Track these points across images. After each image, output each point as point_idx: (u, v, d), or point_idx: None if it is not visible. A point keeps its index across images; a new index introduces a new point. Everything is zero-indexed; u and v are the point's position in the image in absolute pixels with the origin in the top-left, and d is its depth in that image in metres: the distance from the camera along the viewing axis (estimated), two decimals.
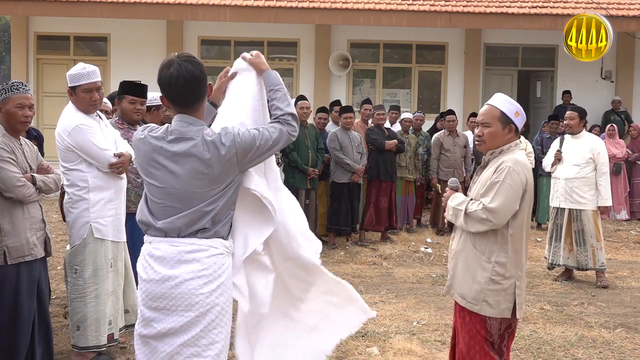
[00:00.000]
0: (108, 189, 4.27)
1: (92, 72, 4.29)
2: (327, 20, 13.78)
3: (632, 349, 5.02)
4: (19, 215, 3.81)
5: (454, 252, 3.51)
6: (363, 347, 4.84)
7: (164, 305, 2.75)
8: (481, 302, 3.31)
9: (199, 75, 2.80)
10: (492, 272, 3.30)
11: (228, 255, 2.84)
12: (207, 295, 2.74)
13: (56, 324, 5.04)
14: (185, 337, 2.75)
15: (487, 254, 3.32)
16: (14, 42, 14.78)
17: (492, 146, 3.45)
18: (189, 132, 2.76)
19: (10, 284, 3.80)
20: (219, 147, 2.72)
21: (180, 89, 2.77)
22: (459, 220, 3.38)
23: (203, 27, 14.52)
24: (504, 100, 3.45)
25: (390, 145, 9.02)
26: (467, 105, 14.26)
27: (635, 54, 14.78)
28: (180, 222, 2.75)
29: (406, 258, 8.18)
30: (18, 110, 3.85)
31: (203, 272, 2.73)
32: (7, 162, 3.76)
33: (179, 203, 2.74)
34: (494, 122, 3.40)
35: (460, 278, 3.43)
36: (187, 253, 2.74)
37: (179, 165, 2.73)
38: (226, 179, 2.77)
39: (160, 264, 2.75)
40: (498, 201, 3.25)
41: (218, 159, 2.72)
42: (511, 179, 3.26)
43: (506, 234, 3.30)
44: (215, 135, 2.75)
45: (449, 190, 3.59)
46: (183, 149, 2.73)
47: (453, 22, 13.41)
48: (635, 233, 10.39)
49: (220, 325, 2.79)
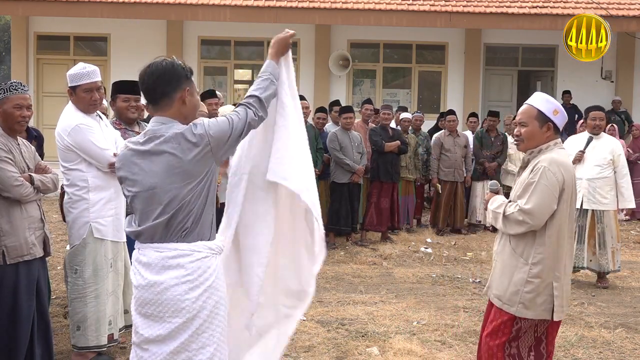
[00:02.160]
0: (108, 188, 4.27)
1: (93, 71, 4.29)
2: (327, 20, 13.78)
3: (632, 349, 5.02)
4: (17, 215, 3.81)
5: (495, 254, 3.50)
6: (363, 347, 4.84)
7: (151, 311, 2.76)
8: (517, 304, 3.29)
9: (167, 70, 2.81)
10: (528, 273, 3.28)
11: (214, 256, 2.83)
12: (194, 301, 2.74)
13: (56, 324, 5.04)
14: (175, 344, 2.74)
15: (525, 255, 3.30)
16: (14, 42, 14.79)
17: (530, 145, 3.41)
18: (160, 130, 2.78)
19: (9, 283, 3.79)
20: (189, 139, 2.73)
21: (146, 85, 2.83)
22: (499, 223, 3.37)
23: (203, 27, 14.52)
24: (542, 98, 3.42)
25: (390, 147, 9.01)
26: (467, 105, 14.27)
27: (635, 54, 14.79)
28: (162, 224, 2.75)
29: (406, 258, 8.18)
30: (16, 110, 3.85)
31: (187, 278, 2.73)
32: (5, 162, 3.76)
33: (159, 204, 2.74)
34: (530, 121, 3.37)
35: (497, 279, 3.41)
36: (170, 258, 2.74)
37: (154, 163, 2.75)
38: (201, 171, 2.76)
39: (147, 269, 2.77)
40: (533, 202, 3.22)
41: (190, 150, 2.72)
42: (546, 179, 3.23)
43: (544, 235, 3.27)
44: (186, 128, 2.77)
45: (489, 193, 3.58)
46: (155, 147, 2.75)
47: (453, 22, 13.42)
48: (635, 233, 10.39)
49: (210, 329, 2.78)
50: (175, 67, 2.82)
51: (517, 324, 3.34)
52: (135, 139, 2.88)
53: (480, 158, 10.06)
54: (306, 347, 4.85)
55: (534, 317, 3.30)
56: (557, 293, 3.28)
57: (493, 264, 3.52)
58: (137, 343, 2.84)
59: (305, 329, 5.23)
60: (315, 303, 6.03)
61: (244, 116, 2.84)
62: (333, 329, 5.27)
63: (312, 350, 4.79)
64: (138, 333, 2.82)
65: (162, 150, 2.74)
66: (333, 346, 4.87)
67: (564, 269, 3.33)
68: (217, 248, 2.87)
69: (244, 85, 15.68)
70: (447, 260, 8.16)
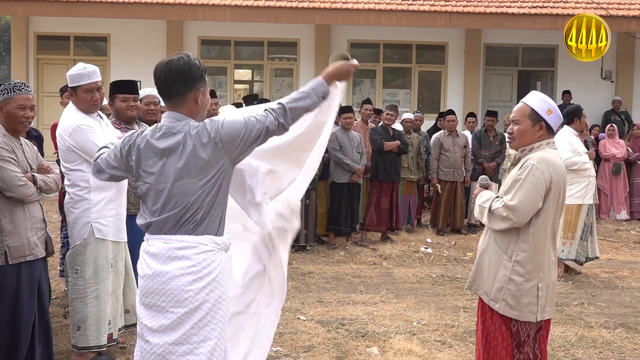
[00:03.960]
0: (109, 189, 4.27)
1: (93, 71, 4.29)
2: (327, 20, 13.79)
3: (632, 349, 5.02)
4: (19, 215, 3.81)
5: (480, 250, 3.50)
6: (363, 347, 4.84)
7: (155, 301, 2.80)
8: (500, 300, 3.31)
9: (184, 71, 2.83)
10: (511, 271, 3.29)
11: (219, 251, 2.86)
12: (197, 292, 2.77)
13: (56, 324, 5.04)
14: (176, 335, 2.77)
15: (509, 252, 3.31)
16: (14, 42, 14.79)
17: (522, 143, 3.41)
18: (176, 127, 2.82)
19: (11, 283, 3.80)
20: (203, 135, 2.77)
21: (164, 81, 2.84)
22: (484, 217, 3.39)
23: (203, 27, 14.53)
24: (537, 97, 3.42)
25: (390, 146, 9.01)
26: (467, 105, 14.27)
27: (635, 54, 14.80)
28: (173, 217, 2.79)
29: (406, 258, 8.18)
30: (19, 111, 3.85)
31: (192, 269, 2.77)
32: (8, 162, 3.76)
33: (171, 197, 2.79)
34: (523, 119, 3.38)
35: (484, 275, 3.42)
36: (177, 249, 2.79)
37: (168, 159, 2.80)
38: (213, 167, 2.79)
39: (153, 259, 2.82)
40: (518, 199, 3.23)
41: (203, 147, 2.77)
42: (533, 176, 3.23)
43: (527, 232, 3.28)
44: (200, 125, 2.81)
45: (478, 187, 3.59)
46: (171, 143, 2.80)
47: (453, 22, 13.42)
48: (635, 233, 10.39)
49: (212, 322, 2.81)
50: (192, 68, 2.86)
51: (514, 327, 3.35)
52: (149, 131, 2.90)
53: (479, 158, 10.06)
54: (306, 347, 4.85)
55: (518, 317, 3.30)
56: (541, 294, 3.29)
57: (476, 260, 3.52)
58: (140, 334, 2.88)
59: (305, 329, 5.24)
60: (315, 303, 6.04)
61: (262, 120, 2.85)
62: (333, 329, 5.28)
63: (312, 350, 4.79)
64: (142, 324, 2.86)
65: (177, 147, 2.78)
66: (333, 346, 4.87)
67: (548, 269, 3.33)
68: (223, 244, 2.89)
69: (244, 85, 15.69)
70: (447, 260, 8.16)
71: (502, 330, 3.36)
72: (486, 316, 3.43)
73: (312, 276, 7.09)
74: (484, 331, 3.45)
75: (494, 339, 3.40)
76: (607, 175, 11.67)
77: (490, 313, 3.40)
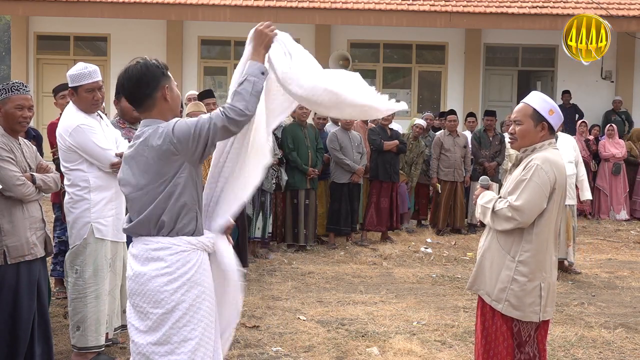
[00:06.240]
0: (109, 189, 4.27)
1: (93, 71, 4.29)
2: (327, 20, 13.79)
3: (632, 349, 5.02)
4: (18, 215, 3.81)
5: (481, 250, 3.50)
6: (363, 347, 4.84)
7: (137, 302, 2.84)
8: (503, 301, 3.30)
9: (143, 73, 2.84)
10: (515, 271, 3.28)
11: (195, 251, 2.86)
12: (172, 293, 2.79)
13: (56, 324, 5.04)
14: (157, 335, 2.80)
15: (512, 252, 3.31)
16: (14, 42, 14.79)
17: (524, 144, 3.42)
18: (144, 132, 2.85)
19: (10, 283, 3.80)
20: (153, 139, 2.78)
21: (129, 89, 2.88)
22: (487, 218, 3.38)
23: (203, 27, 14.52)
24: (538, 98, 3.42)
25: (389, 146, 9.01)
26: (467, 105, 14.26)
27: (635, 54, 14.79)
28: (143, 223, 2.84)
29: (406, 258, 8.18)
30: (17, 111, 3.85)
31: (166, 270, 2.80)
32: (7, 162, 3.76)
33: (141, 203, 2.83)
34: (525, 120, 3.38)
35: (486, 276, 3.42)
36: (153, 250, 2.82)
37: (134, 164, 2.84)
38: (169, 170, 2.78)
39: (135, 260, 2.87)
40: (524, 199, 3.23)
41: (155, 151, 2.78)
42: (538, 177, 3.24)
43: (531, 232, 3.28)
44: (153, 130, 2.81)
45: (480, 188, 3.58)
46: (135, 149, 2.85)
47: (453, 22, 13.42)
48: (635, 233, 10.39)
49: (192, 322, 2.82)
50: (150, 68, 2.86)
51: (516, 327, 3.35)
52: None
53: (479, 158, 10.05)
54: (306, 347, 4.85)
55: (521, 318, 3.31)
56: (544, 294, 3.30)
57: (478, 259, 3.52)
58: (129, 335, 2.93)
59: (305, 329, 5.24)
60: (315, 303, 6.03)
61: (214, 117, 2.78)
62: (333, 329, 5.27)
63: (312, 350, 4.79)
64: (130, 324, 2.91)
65: (138, 152, 2.83)
66: (333, 346, 4.87)
67: (550, 269, 3.34)
68: (199, 243, 2.87)
69: None
70: (447, 260, 8.16)
71: (502, 331, 3.36)
72: (486, 316, 3.43)
73: (312, 276, 7.09)
74: (483, 331, 3.45)
75: (494, 339, 3.40)
76: (606, 175, 11.68)
77: (491, 313, 3.40)
